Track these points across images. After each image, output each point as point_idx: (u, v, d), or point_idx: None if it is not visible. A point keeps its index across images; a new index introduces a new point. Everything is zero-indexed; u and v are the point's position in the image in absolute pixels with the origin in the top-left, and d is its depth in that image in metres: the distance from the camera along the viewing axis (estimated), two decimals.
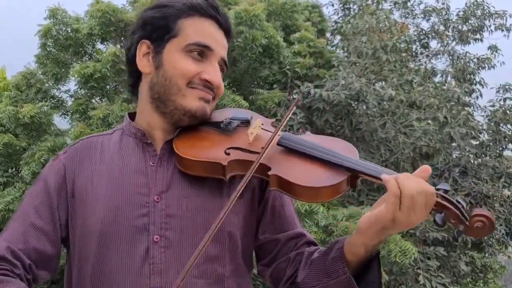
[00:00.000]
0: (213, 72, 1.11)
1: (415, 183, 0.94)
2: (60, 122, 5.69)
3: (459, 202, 0.96)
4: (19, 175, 5.08)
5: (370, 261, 1.06)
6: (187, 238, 1.05)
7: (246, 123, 1.16)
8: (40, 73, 5.58)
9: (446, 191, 0.98)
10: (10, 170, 5.44)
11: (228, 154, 1.07)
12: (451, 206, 0.95)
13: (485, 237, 5.30)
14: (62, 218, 1.10)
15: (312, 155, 1.06)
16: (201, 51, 1.11)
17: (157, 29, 1.12)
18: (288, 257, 1.16)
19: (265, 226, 1.18)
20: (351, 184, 1.04)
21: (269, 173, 1.03)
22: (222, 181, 1.08)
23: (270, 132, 1.12)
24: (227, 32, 1.17)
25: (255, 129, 1.11)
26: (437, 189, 0.97)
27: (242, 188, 0.98)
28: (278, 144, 1.09)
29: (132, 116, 1.21)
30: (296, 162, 1.06)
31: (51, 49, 5.55)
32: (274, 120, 1.22)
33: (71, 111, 5.41)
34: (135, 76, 1.17)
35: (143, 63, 1.13)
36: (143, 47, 1.13)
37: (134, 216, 1.06)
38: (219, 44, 1.13)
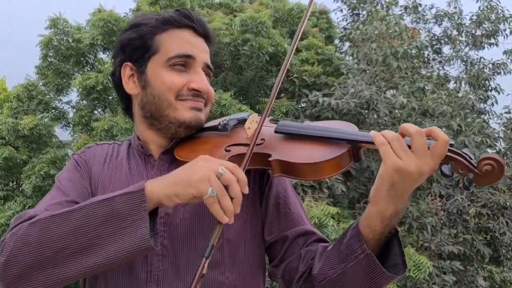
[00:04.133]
0: (199, 80, 1.15)
1: (404, 126, 0.96)
2: (62, 133, 5.76)
3: (465, 153, 0.97)
4: (20, 189, 5.14)
5: (389, 243, 1.04)
6: (183, 246, 1.08)
7: (243, 121, 1.18)
8: (41, 84, 5.66)
9: (451, 145, 0.98)
10: (10, 184, 5.50)
11: (229, 151, 1.12)
12: (457, 156, 0.96)
13: (504, 250, 5.27)
14: None
15: (311, 135, 1.09)
16: (184, 62, 1.15)
17: (136, 50, 1.16)
18: (299, 254, 1.15)
19: (271, 225, 1.19)
20: (354, 157, 1.07)
21: (270, 159, 1.06)
22: None
23: (268, 126, 1.15)
24: (206, 36, 1.20)
25: (252, 123, 1.15)
26: None
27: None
28: (276, 131, 1.13)
29: None
30: (296, 144, 1.10)
31: (52, 59, 5.63)
32: (272, 117, 1.27)
33: (73, 123, 5.47)
34: (126, 99, 1.22)
35: (130, 86, 1.18)
36: (127, 70, 1.18)
37: None
38: (199, 50, 1.17)
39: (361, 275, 1.01)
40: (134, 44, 1.16)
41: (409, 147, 0.96)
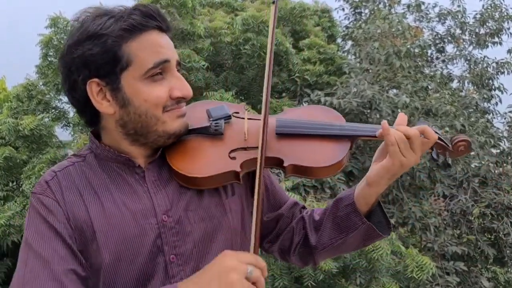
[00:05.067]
0: (181, 86, 1.10)
1: (405, 129, 1.15)
2: (62, 133, 5.77)
3: (437, 133, 1.18)
4: (20, 189, 5.14)
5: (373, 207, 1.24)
6: (200, 250, 1.10)
7: (229, 118, 1.19)
8: (41, 83, 5.67)
9: None
10: (10, 184, 5.51)
11: (234, 158, 1.11)
12: (439, 142, 1.19)
13: (508, 252, 5.27)
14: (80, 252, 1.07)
15: (312, 133, 1.17)
16: (161, 69, 1.08)
17: (104, 65, 1.05)
18: (291, 227, 1.31)
19: (264, 207, 1.28)
20: (351, 148, 1.20)
21: (285, 164, 1.12)
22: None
23: (256, 119, 1.17)
24: (168, 30, 1.13)
25: (246, 124, 1.18)
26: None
27: (260, 187, 1.06)
28: (276, 133, 1.17)
29: (96, 135, 1.16)
30: (302, 144, 1.16)
31: (52, 59, 5.63)
32: (244, 104, 1.29)
33: (73, 123, 5.48)
34: (92, 115, 1.12)
35: (103, 105, 1.07)
36: (93, 87, 1.07)
37: (148, 242, 1.07)
38: (170, 49, 1.10)
39: (359, 239, 1.24)
40: (101, 59, 1.04)
41: None
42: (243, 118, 1.20)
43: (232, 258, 0.96)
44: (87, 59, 1.05)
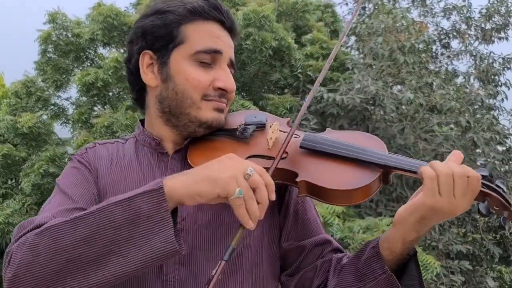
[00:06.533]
0: (225, 78, 1.11)
1: (454, 166, 0.94)
2: (61, 130, 5.77)
3: (499, 187, 0.96)
4: (19, 187, 5.15)
5: (407, 263, 1.03)
6: (200, 253, 1.04)
7: (262, 126, 1.14)
8: (40, 80, 5.66)
9: (485, 177, 0.96)
10: (9, 182, 5.52)
11: None
12: (493, 193, 0.95)
13: None
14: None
15: (340, 154, 1.04)
16: (211, 58, 1.10)
17: (160, 38, 1.10)
18: (315, 266, 1.12)
19: (288, 232, 1.15)
20: (384, 181, 1.04)
21: (297, 179, 1.01)
22: None
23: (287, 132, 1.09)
24: (231, 30, 1.16)
25: (274, 133, 1.10)
26: None
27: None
28: (301, 147, 1.07)
29: (143, 123, 1.21)
30: (324, 164, 1.04)
31: (51, 55, 5.63)
32: (289, 119, 1.20)
33: (73, 120, 5.48)
34: (139, 88, 1.17)
35: (149, 76, 1.12)
36: (146, 58, 1.12)
37: None
38: (226, 45, 1.13)
39: None
40: (158, 32, 1.10)
41: None
42: (280, 131, 1.13)
43: (232, 154, 0.95)
44: (147, 30, 1.12)
